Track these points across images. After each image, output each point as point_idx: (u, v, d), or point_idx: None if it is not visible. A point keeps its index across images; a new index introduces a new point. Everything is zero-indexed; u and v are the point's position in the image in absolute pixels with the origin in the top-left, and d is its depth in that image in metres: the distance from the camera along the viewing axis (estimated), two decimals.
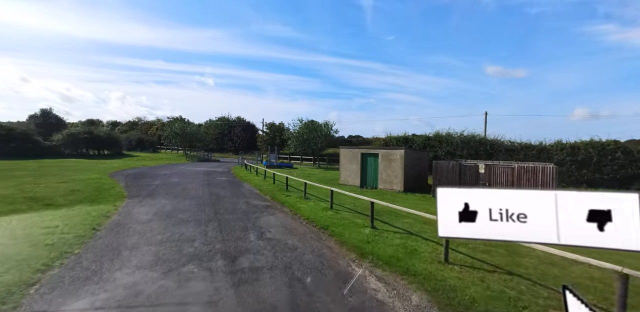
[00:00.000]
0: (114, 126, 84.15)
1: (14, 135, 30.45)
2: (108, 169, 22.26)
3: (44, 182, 14.17)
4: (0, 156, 27.59)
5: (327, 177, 22.19)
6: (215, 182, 17.11)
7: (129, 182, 15.59)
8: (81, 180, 15.15)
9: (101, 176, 17.59)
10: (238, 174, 22.63)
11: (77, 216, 8.07)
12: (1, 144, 29.55)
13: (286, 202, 11.52)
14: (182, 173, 21.48)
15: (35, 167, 21.52)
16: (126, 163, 28.90)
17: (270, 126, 51.71)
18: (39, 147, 31.68)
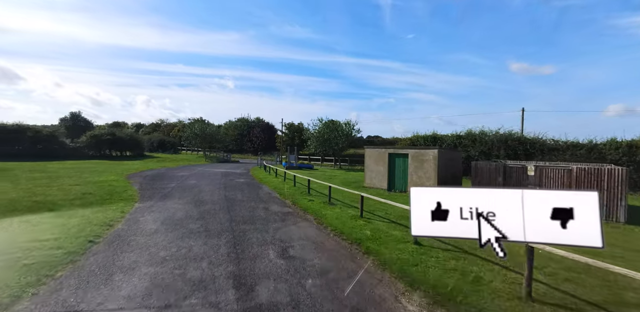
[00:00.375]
0: (138, 128, 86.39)
1: (41, 137, 31.07)
2: (127, 170, 21.92)
3: (58, 184, 13.69)
4: (27, 157, 28.10)
5: (350, 179, 20.83)
6: (232, 184, 16.18)
7: (144, 184, 14.90)
8: (96, 182, 14.60)
9: (118, 177, 17.07)
10: (257, 175, 21.70)
11: (77, 225, 7.18)
12: (29, 146, 30.19)
13: (309, 208, 10.30)
14: (200, 174, 20.78)
15: (55, 168, 21.47)
16: (146, 164, 28.73)
17: (289, 126, 50.89)
18: (64, 149, 32.22)
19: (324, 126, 31.00)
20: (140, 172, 20.83)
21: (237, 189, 14.17)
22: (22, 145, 29.87)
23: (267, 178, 19.80)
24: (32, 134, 30.83)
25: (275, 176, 20.76)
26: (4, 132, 28.52)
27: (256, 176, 21.50)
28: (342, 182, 18.18)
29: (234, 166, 32.27)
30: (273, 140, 59.15)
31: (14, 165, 22.96)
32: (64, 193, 11.56)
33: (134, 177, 17.54)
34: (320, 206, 10.63)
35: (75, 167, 22.85)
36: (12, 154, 28.07)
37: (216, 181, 17.22)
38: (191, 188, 14.04)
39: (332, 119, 31.78)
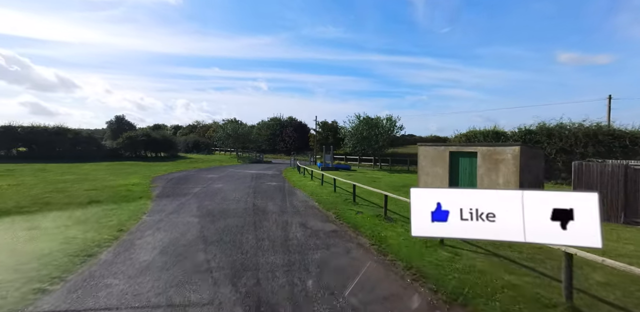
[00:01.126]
0: (176, 130, 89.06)
1: (80, 139, 31.47)
2: (155, 172, 20.76)
3: (74, 188, 12.35)
4: (66, 159, 28.34)
5: (397, 183, 17.91)
6: (263, 189, 14.03)
7: (166, 189, 13.20)
8: (114, 187, 13.13)
9: (141, 181, 15.65)
10: (290, 178, 19.51)
11: (42, 257, 5.18)
12: (69, 147, 30.62)
13: (361, 225, 7.71)
14: (229, 177, 19.00)
15: (87, 170, 20.83)
16: (177, 166, 27.80)
17: (323, 125, 48.60)
18: (102, 150, 32.44)
19: (361, 123, 28.16)
20: (168, 175, 19.49)
21: (268, 196, 11.94)
22: (62, 147, 30.32)
23: (302, 181, 17.49)
24: (72, 136, 31.28)
25: (310, 179, 18.41)
26: (44, 135, 29.07)
27: (289, 178, 19.30)
28: (389, 187, 15.38)
29: (266, 166, 30.53)
30: (306, 140, 57.25)
31: (53, 166, 22.78)
32: (70, 200, 10.01)
33: (159, 181, 16.04)
34: (373, 222, 8.02)
35: (106, 169, 22.16)
36: (53, 155, 28.47)
37: (245, 185, 15.20)
38: (215, 194, 12.04)
39: (369, 115, 28.80)
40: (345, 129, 29.53)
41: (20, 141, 28.49)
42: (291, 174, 21.92)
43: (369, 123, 28.01)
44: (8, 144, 27.98)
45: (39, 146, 29.08)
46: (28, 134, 28.44)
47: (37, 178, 15.71)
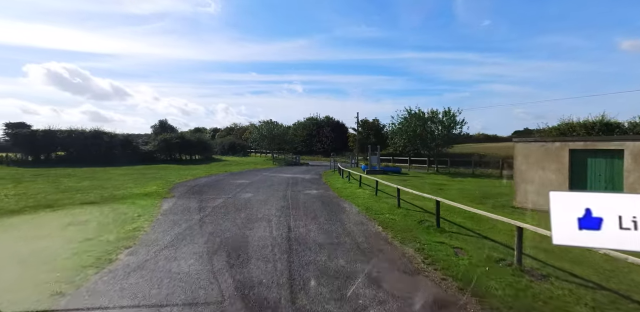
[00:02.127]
0: (215, 132, 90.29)
1: (115, 142, 30.85)
2: (182, 177, 18.60)
3: (69, 201, 10.09)
4: (100, 162, 27.61)
5: (473, 192, 13.86)
6: (301, 200, 10.86)
7: (182, 200, 10.53)
8: (118, 199, 10.72)
9: (159, 188, 13.27)
10: (333, 184, 16.23)
11: None
12: (104, 151, 30.06)
13: (489, 290, 4.12)
14: (262, 183, 16.17)
15: (112, 175, 19.24)
16: (209, 169, 25.80)
17: (364, 123, 44.77)
18: (137, 154, 31.67)
19: (413, 118, 24.03)
20: (194, 180, 17.14)
21: (309, 213, 8.70)
22: (98, 150, 29.81)
23: (348, 189, 14.11)
24: (108, 139, 30.77)
25: (359, 186, 14.93)
26: (81, 138, 28.69)
27: (332, 184, 16.02)
28: (466, 198, 11.51)
29: (303, 169, 27.57)
30: (344, 140, 53.74)
31: (81, 171, 21.70)
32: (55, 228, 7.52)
33: (179, 189, 13.56)
34: (503, 277, 4.39)
35: (132, 174, 20.49)
36: (89, 159, 27.90)
37: (279, 194, 12.16)
38: (240, 210, 9.06)
39: (421, 109, 24.44)
40: (394, 125, 25.48)
41: (59, 145, 28.34)
42: (333, 179, 18.63)
43: (421, 118, 23.83)
44: (48, 148, 27.91)
45: (76, 150, 28.78)
46: (66, 138, 28.20)
47: (51, 185, 13.98)
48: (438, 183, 17.04)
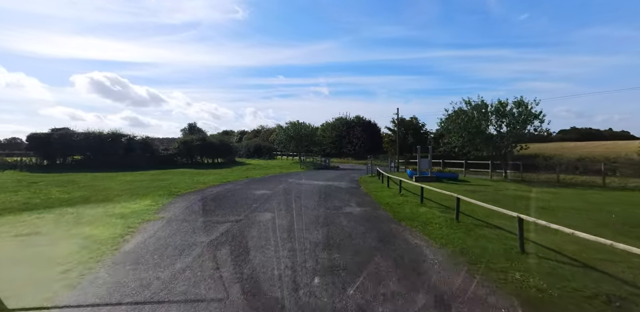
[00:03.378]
0: (242, 135, 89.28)
1: (134, 145, 28.86)
2: (193, 185, 15.54)
3: (29, 222, 7.01)
4: (115, 167, 25.56)
5: (600, 212, 9.36)
6: (342, 227, 7.12)
7: (168, 228, 7.15)
8: (90, 221, 7.48)
9: (153, 203, 10.10)
10: (378, 195, 12.35)
11: None
12: (122, 154, 28.12)
13: None
14: (287, 194, 12.64)
15: (117, 183, 16.60)
16: (228, 174, 22.77)
17: (400, 122, 40.20)
18: (155, 157, 29.51)
19: (473, 110, 19.38)
20: (204, 190, 13.95)
21: (361, 260, 4.92)
22: (117, 153, 27.89)
23: (405, 205, 10.15)
24: (126, 141, 28.85)
25: (420, 202, 10.86)
26: (98, 141, 26.87)
27: (378, 196, 12.14)
28: (604, 226, 7.16)
29: (336, 174, 23.82)
30: (377, 141, 49.41)
31: (88, 177, 19.44)
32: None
33: (178, 204, 10.29)
34: None
35: (142, 180, 17.78)
36: (106, 163, 25.96)
37: (310, 215, 8.50)
38: (248, 251, 5.47)
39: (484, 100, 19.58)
40: (449, 120, 20.80)
41: (75, 149, 26.65)
42: (376, 188, 14.72)
43: (482, 112, 19.16)
44: (64, 152, 26.28)
45: (93, 154, 26.99)
46: (82, 141, 26.46)
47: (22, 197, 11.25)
48: (525, 196, 12.54)
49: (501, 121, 18.38)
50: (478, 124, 18.63)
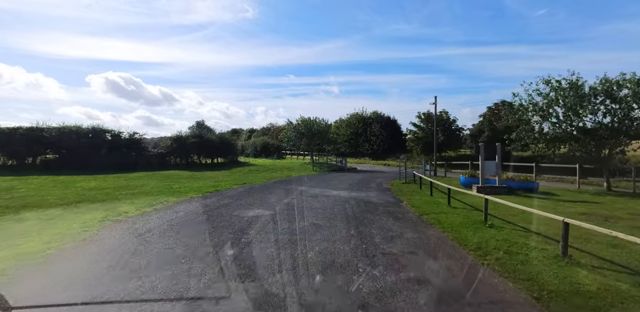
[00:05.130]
0: (251, 133, 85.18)
1: (119, 143, 24.59)
2: (170, 195, 10.99)
3: None
4: (95, 168, 21.37)
5: None
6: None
7: None
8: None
9: (46, 247, 5.42)
10: (440, 220, 7.41)
11: None
12: (105, 153, 23.91)
13: None
14: (294, 217, 7.90)
15: (71, 191, 12.15)
16: (225, 178, 18.25)
17: (427, 117, 34.92)
18: (143, 156, 25.20)
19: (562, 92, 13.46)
20: (175, 206, 9.35)
21: None
22: (98, 152, 23.69)
23: (521, 249, 5.13)
24: (111, 138, 24.65)
25: (529, 240, 5.85)
26: (74, 138, 22.71)
27: (444, 223, 7.18)
28: None
29: (357, 179, 18.91)
30: (398, 139, 44.22)
31: (39, 181, 15.19)
32: None
33: (130, 232, 5.61)
34: None
35: (103, 188, 13.36)
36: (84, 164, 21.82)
37: (340, 280, 3.56)
38: None
39: (579, 78, 13.65)
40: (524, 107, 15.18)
41: (47, 147, 22.58)
42: (425, 204, 9.76)
43: (581, 95, 13.33)
44: (34, 150, 22.21)
45: (69, 152, 22.82)
46: (55, 138, 22.35)
47: None
48: None
49: (610, 108, 12.86)
50: (575, 109, 12.94)
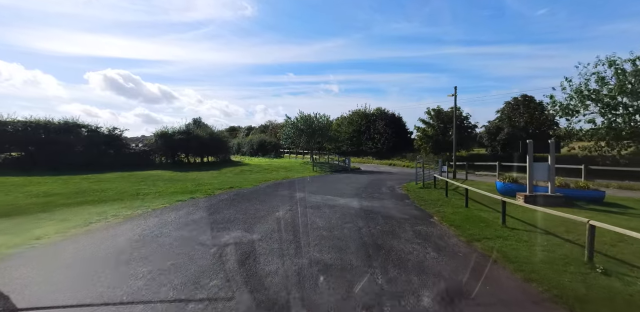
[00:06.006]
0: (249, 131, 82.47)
1: (97, 139, 21.88)
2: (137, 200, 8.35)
3: None
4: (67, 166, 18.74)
5: None
6: None
7: None
8: None
9: None
10: (494, 245, 4.70)
11: None
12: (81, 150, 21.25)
13: None
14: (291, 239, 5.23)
15: (13, 197, 9.49)
16: (209, 181, 15.62)
17: (437, 114, 32.22)
18: (122, 154, 22.50)
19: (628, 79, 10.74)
20: (111, 227, 6.65)
21: None
22: (71, 149, 21.02)
23: None
24: (87, 133, 21.97)
25: None
26: (43, 133, 20.01)
27: (516, 258, 4.46)
28: None
29: (364, 181, 16.25)
30: (404, 137, 41.55)
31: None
32: None
33: None
34: None
35: (55, 193, 10.67)
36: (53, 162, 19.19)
37: None
38: None
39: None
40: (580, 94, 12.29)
41: (12, 143, 19.85)
42: (466, 220, 7.09)
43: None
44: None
45: (38, 149, 20.13)
46: (21, 133, 19.66)
47: None
48: None
49: None
50: None
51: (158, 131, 24.13)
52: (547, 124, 24.35)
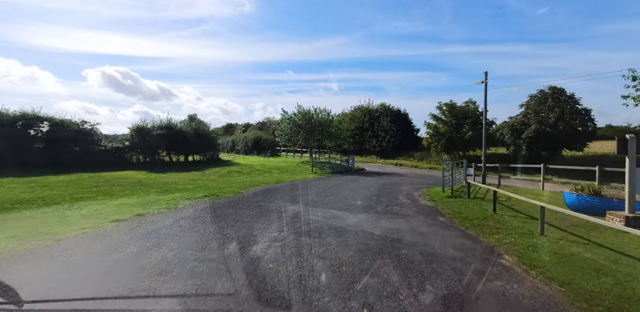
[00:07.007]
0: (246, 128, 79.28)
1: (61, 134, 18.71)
2: (53, 221, 5.18)
3: None
4: (19, 168, 15.64)
5: None
6: None
7: None
8: None
9: None
10: None
11: None
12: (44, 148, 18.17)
13: None
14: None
15: None
16: (184, 186, 12.55)
17: (450, 108, 29.01)
18: (91, 153, 19.34)
19: None
20: None
21: None
22: (30, 146, 17.94)
23: None
24: (49, 128, 18.82)
25: None
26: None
27: None
28: None
29: (374, 186, 13.13)
30: (410, 135, 38.40)
31: None
32: None
33: None
34: None
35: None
36: (5, 162, 16.01)
37: None
38: None
39: None
40: None
41: None
42: (569, 265, 3.97)
43: None
44: None
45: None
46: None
47: None
48: None
49: None
50: None
51: (134, 126, 20.96)
52: (580, 119, 21.29)
